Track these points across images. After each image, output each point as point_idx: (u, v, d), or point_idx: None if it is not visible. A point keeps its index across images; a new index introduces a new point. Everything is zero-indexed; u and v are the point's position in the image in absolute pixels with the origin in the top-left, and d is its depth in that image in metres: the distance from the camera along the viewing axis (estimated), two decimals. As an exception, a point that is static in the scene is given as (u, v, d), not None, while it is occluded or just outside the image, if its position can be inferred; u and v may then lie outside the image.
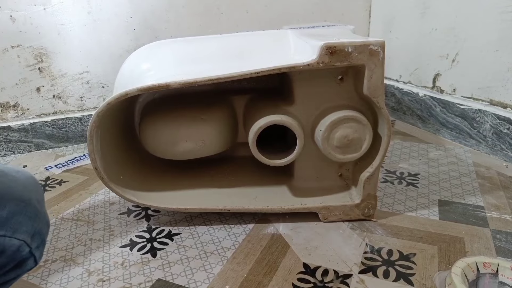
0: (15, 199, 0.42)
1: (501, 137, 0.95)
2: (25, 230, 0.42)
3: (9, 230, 0.40)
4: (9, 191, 0.42)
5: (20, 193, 0.43)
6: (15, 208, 0.41)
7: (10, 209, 0.41)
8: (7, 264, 0.41)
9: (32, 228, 0.43)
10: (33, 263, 0.45)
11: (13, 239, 0.40)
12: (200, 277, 0.59)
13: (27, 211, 0.43)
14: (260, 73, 0.61)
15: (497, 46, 0.94)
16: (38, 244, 0.44)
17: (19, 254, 0.42)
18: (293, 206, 0.70)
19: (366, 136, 0.66)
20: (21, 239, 0.41)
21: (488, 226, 0.69)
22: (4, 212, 0.40)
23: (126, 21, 1.14)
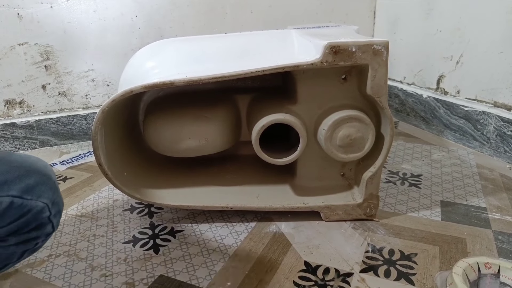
0: (39, 172, 0.51)
1: (504, 139, 0.95)
2: (47, 196, 0.50)
3: (35, 195, 0.49)
4: (34, 165, 0.51)
5: (42, 169, 0.52)
6: (40, 178, 0.50)
7: (36, 179, 0.50)
8: (31, 223, 0.49)
9: (52, 197, 0.51)
10: (51, 228, 0.53)
11: (38, 201, 0.49)
12: (202, 273, 0.59)
13: (49, 183, 0.51)
14: (264, 71, 0.61)
15: (501, 48, 0.94)
16: (56, 212, 0.52)
17: (41, 215, 0.50)
18: (295, 205, 0.71)
19: (369, 136, 0.66)
20: (44, 202, 0.50)
21: (490, 227, 0.69)
22: (31, 180, 0.49)
23: (131, 20, 1.15)
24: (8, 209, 0.47)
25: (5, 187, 0.47)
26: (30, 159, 0.53)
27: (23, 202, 0.48)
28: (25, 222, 0.49)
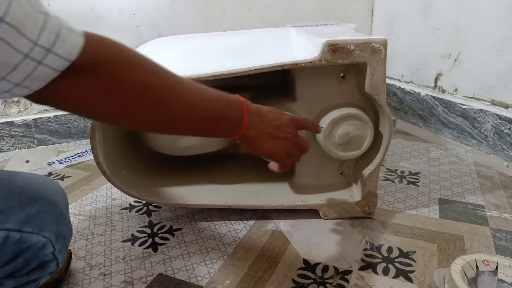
0: (44, 199, 0.44)
1: (502, 137, 0.95)
2: (51, 229, 0.43)
3: (36, 227, 0.41)
4: (39, 191, 0.44)
5: (49, 195, 0.45)
6: (44, 207, 0.43)
7: (39, 207, 0.42)
8: (31, 262, 0.42)
9: (57, 229, 0.44)
10: (55, 266, 0.45)
11: (39, 236, 0.41)
12: (201, 272, 0.59)
13: (54, 212, 0.44)
14: (263, 69, 0.61)
15: (499, 46, 0.94)
16: (61, 247, 0.45)
17: (43, 252, 0.42)
18: (294, 203, 0.71)
19: (367, 134, 0.66)
20: (47, 237, 0.42)
21: (488, 224, 0.69)
22: (34, 209, 0.42)
23: (129, 18, 1.15)
24: (2, 245, 0.39)
25: (1, 218, 0.39)
26: (37, 182, 0.46)
27: (21, 236, 0.40)
28: (24, 262, 0.41)
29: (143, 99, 0.37)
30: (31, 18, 0.28)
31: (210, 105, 0.42)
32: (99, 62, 0.33)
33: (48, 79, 0.31)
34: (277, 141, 0.49)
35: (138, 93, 0.36)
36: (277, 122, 0.50)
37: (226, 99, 0.45)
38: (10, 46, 0.27)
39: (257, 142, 0.48)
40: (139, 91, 0.36)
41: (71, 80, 0.32)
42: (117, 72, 0.35)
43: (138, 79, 0.36)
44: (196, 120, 0.42)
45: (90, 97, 0.34)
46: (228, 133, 0.46)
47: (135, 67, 0.36)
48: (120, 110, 0.37)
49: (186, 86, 0.41)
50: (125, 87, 0.35)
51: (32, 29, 0.28)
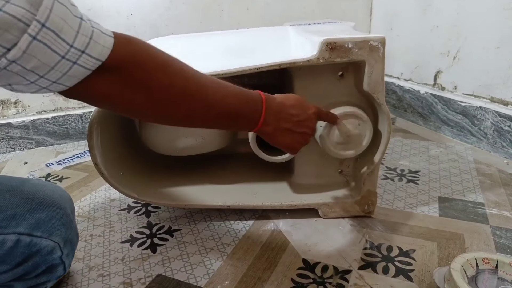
0: (53, 205, 0.46)
1: (502, 135, 0.95)
2: (59, 234, 0.45)
3: (45, 232, 0.44)
4: (48, 198, 0.46)
5: (57, 201, 0.47)
6: (53, 213, 0.45)
7: (48, 213, 0.45)
8: (40, 266, 0.44)
9: (65, 235, 0.46)
10: (62, 270, 0.48)
11: (48, 240, 0.44)
12: (200, 272, 0.59)
13: (62, 218, 0.46)
14: (261, 69, 0.61)
15: (498, 43, 0.94)
16: (68, 252, 0.47)
17: (52, 256, 0.45)
18: (293, 203, 0.71)
19: (366, 133, 0.66)
20: (56, 241, 0.45)
21: (488, 222, 0.69)
22: (43, 215, 0.44)
23: (127, 18, 1.14)
24: (13, 248, 0.41)
25: (13, 223, 0.42)
26: (46, 188, 0.48)
27: (31, 240, 0.42)
28: (33, 265, 0.43)
29: (166, 98, 0.39)
30: (67, 22, 0.31)
31: (229, 103, 0.44)
32: (127, 62, 0.36)
33: (81, 77, 0.34)
34: (295, 136, 0.52)
35: (162, 93, 0.39)
36: (298, 117, 0.51)
37: (246, 96, 0.47)
38: (50, 49, 0.30)
39: (274, 137, 0.51)
40: (163, 91, 0.39)
41: (102, 78, 0.35)
42: (143, 73, 0.37)
43: (162, 79, 0.38)
44: (215, 116, 0.44)
45: (118, 94, 0.37)
46: (245, 127, 0.49)
47: (160, 68, 0.39)
48: (144, 107, 0.39)
49: (207, 84, 0.43)
50: (150, 87, 0.38)
51: (68, 33, 0.31)
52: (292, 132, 0.51)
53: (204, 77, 0.43)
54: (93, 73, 0.34)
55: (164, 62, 0.39)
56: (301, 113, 0.51)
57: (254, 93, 0.48)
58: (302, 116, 0.51)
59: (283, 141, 0.51)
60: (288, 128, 0.51)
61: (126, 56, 0.36)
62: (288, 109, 0.50)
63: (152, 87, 0.38)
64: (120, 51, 0.35)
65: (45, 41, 0.29)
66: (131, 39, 0.37)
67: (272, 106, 0.48)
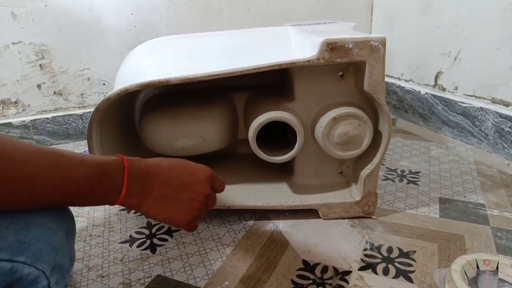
0: (42, 225, 0.40)
1: (502, 135, 0.95)
2: (46, 259, 0.39)
3: (29, 257, 0.37)
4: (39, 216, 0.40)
5: (49, 220, 0.41)
6: (40, 234, 0.39)
7: (35, 235, 0.39)
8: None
9: (54, 260, 0.40)
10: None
11: (32, 267, 0.37)
12: (199, 273, 0.59)
13: (52, 240, 0.40)
14: (261, 69, 0.61)
15: (499, 44, 0.94)
16: (58, 279, 0.40)
17: (35, 286, 0.38)
18: (293, 203, 0.70)
19: (367, 133, 0.66)
20: (40, 269, 0.38)
21: (489, 224, 0.69)
22: (28, 237, 0.38)
23: (127, 18, 1.14)
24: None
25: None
26: None
27: (12, 266, 0.36)
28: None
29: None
30: None
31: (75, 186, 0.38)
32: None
33: None
34: (178, 203, 0.44)
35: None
36: (180, 180, 0.43)
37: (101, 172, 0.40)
38: None
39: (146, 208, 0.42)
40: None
41: None
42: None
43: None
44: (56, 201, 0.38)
45: None
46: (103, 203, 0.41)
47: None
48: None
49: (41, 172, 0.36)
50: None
51: None
52: (170, 200, 0.43)
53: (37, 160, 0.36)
54: None
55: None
56: (184, 175, 0.44)
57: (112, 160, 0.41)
58: (186, 179, 0.44)
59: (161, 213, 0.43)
60: (164, 195, 0.43)
61: None
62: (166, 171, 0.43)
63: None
64: None
65: None
66: None
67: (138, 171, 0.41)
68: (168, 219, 0.44)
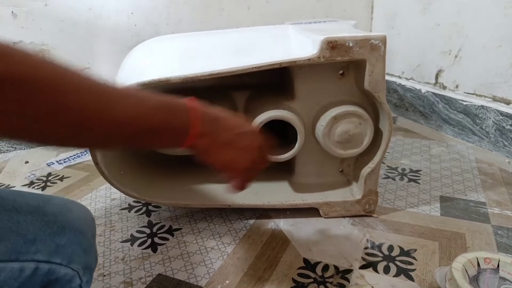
0: (74, 229, 0.42)
1: (503, 133, 0.94)
2: (79, 261, 0.41)
3: (65, 258, 0.40)
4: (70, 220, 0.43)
5: (78, 224, 0.43)
6: (73, 238, 0.41)
7: (69, 238, 0.41)
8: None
9: (85, 261, 0.42)
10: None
11: (68, 268, 0.40)
12: (200, 272, 0.59)
13: (82, 243, 0.42)
14: (261, 67, 0.61)
15: (500, 42, 0.94)
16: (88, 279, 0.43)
17: (70, 285, 0.41)
18: (294, 202, 0.70)
19: (367, 131, 0.66)
20: (75, 269, 0.41)
21: (489, 222, 0.69)
22: (63, 240, 0.40)
23: (127, 17, 1.14)
24: (31, 277, 0.38)
25: (32, 248, 0.38)
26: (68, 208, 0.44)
27: (50, 267, 0.39)
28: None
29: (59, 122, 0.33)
30: None
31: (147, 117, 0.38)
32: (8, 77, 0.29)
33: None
34: (238, 151, 0.44)
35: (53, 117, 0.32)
36: (240, 129, 0.44)
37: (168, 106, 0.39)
38: None
39: (211, 152, 0.43)
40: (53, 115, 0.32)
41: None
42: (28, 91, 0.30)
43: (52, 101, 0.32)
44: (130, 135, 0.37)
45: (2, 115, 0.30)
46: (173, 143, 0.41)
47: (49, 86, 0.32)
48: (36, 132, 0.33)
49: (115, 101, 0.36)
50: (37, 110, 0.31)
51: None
52: (234, 146, 0.44)
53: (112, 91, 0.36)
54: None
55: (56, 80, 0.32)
56: (242, 125, 0.45)
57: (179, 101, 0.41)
58: (244, 128, 0.44)
59: (224, 157, 0.43)
60: (229, 140, 0.43)
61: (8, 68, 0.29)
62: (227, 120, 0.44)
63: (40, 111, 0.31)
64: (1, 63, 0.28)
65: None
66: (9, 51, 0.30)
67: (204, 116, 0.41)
68: (228, 165, 0.45)
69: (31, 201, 0.43)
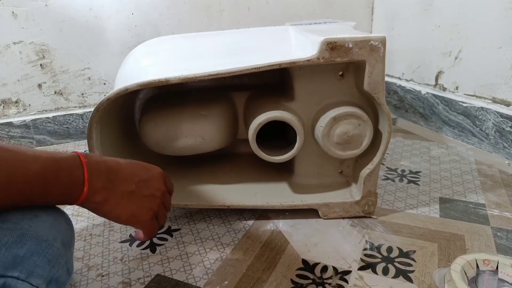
0: (37, 237, 0.38)
1: (503, 135, 0.94)
2: (40, 274, 0.37)
3: (23, 271, 0.35)
4: (32, 229, 0.38)
5: (44, 232, 0.39)
6: (35, 247, 0.37)
7: (29, 248, 0.37)
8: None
9: (49, 274, 0.38)
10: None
11: (25, 283, 0.35)
12: (199, 272, 0.59)
13: (47, 253, 0.38)
14: (260, 68, 0.60)
15: (500, 43, 0.93)
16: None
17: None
18: (293, 203, 0.70)
19: (367, 133, 0.66)
20: (34, 285, 0.36)
21: (489, 223, 0.68)
22: (22, 250, 0.36)
23: (127, 17, 1.14)
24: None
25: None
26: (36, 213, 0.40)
27: (5, 282, 0.34)
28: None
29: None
30: None
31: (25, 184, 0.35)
32: None
33: None
34: (141, 200, 0.42)
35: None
36: (141, 177, 0.43)
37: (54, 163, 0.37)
38: None
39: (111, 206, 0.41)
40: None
41: None
42: None
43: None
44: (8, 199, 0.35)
45: None
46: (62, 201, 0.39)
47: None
48: None
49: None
50: None
51: None
52: (133, 197, 0.41)
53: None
54: None
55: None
56: (143, 172, 0.43)
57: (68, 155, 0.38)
58: (144, 175, 0.43)
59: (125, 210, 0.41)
60: (128, 191, 0.41)
61: None
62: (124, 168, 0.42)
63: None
64: None
65: None
66: None
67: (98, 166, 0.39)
68: (133, 217, 0.43)
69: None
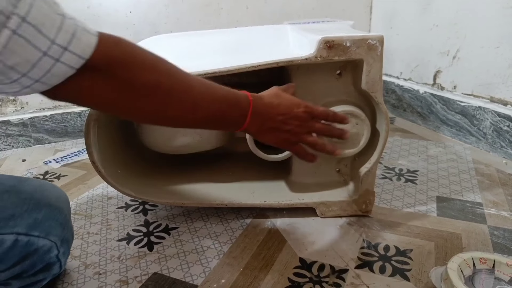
0: (50, 206, 0.47)
1: (501, 135, 0.95)
2: (56, 234, 0.46)
3: (43, 231, 0.45)
4: (45, 198, 0.48)
5: (54, 201, 0.49)
6: (49, 213, 0.46)
7: (45, 213, 0.46)
8: (37, 264, 0.46)
9: (61, 234, 0.48)
10: (58, 268, 0.49)
11: (45, 239, 0.45)
12: (196, 271, 0.59)
13: (59, 218, 0.48)
14: (258, 67, 0.61)
15: (498, 43, 0.94)
16: (64, 251, 0.49)
17: (49, 255, 0.46)
18: (291, 202, 0.70)
19: (364, 132, 0.66)
20: (52, 241, 0.46)
21: (486, 222, 0.69)
22: (40, 214, 0.45)
23: (125, 16, 1.14)
24: (12, 248, 0.42)
25: (11, 223, 0.43)
26: (43, 188, 0.50)
27: (29, 239, 0.43)
28: (30, 264, 0.45)
29: (152, 99, 0.39)
30: (49, 18, 0.30)
31: (217, 105, 0.45)
32: (112, 62, 0.36)
33: (65, 76, 0.33)
34: (280, 134, 0.52)
35: (148, 94, 0.38)
36: (284, 116, 0.52)
37: (233, 99, 0.47)
38: (31, 44, 0.29)
39: (259, 136, 0.53)
40: (149, 92, 0.38)
41: (86, 78, 0.35)
42: (128, 73, 0.37)
43: (148, 80, 0.38)
44: (201, 117, 0.44)
45: (103, 95, 0.37)
46: (229, 128, 0.51)
47: (146, 68, 0.38)
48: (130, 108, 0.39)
49: (195, 86, 0.43)
50: (135, 88, 0.38)
51: (50, 29, 0.31)
52: (276, 130, 0.52)
53: (192, 79, 0.43)
54: (78, 72, 0.34)
55: (151, 63, 0.39)
56: (287, 112, 0.52)
57: (241, 96, 0.48)
58: (287, 115, 0.52)
59: (268, 139, 0.53)
60: (273, 127, 0.51)
61: (111, 56, 0.36)
62: (275, 109, 0.51)
63: (138, 89, 0.38)
64: (106, 51, 0.35)
65: (26, 36, 0.29)
66: (119, 40, 0.37)
67: (258, 109, 0.49)
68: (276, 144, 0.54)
69: (6, 181, 0.48)
